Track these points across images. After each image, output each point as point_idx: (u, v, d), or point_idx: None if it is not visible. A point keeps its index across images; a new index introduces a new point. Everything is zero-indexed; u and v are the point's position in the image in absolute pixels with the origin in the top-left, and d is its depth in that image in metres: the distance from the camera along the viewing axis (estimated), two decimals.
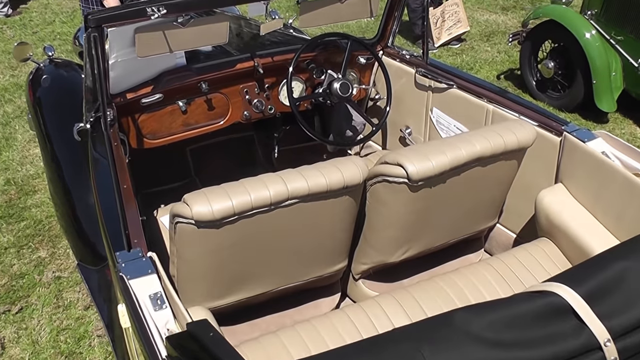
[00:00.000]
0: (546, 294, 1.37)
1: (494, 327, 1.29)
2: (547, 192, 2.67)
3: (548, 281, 1.44)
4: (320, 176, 2.18)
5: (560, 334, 1.30)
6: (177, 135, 3.15)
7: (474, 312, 1.33)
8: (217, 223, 2.07)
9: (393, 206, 2.43)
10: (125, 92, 2.93)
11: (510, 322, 1.31)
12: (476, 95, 2.99)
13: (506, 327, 1.30)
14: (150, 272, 1.93)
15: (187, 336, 1.54)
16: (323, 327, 2.26)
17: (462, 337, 1.26)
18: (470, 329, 1.27)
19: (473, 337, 1.26)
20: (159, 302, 1.86)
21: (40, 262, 3.79)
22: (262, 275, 2.38)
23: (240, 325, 2.61)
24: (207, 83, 3.06)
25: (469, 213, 2.70)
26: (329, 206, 2.27)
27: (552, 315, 1.33)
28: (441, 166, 2.32)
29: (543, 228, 2.69)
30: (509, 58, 6.53)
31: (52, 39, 7.17)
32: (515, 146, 2.47)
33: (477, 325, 1.28)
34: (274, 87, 3.28)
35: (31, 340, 3.30)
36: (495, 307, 1.36)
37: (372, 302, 2.36)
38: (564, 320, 1.33)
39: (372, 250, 2.61)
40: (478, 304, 1.39)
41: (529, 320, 1.32)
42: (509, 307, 1.36)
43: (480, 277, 2.50)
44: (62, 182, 3.33)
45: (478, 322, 1.29)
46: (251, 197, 2.08)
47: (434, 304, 2.36)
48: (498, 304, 1.38)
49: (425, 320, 1.40)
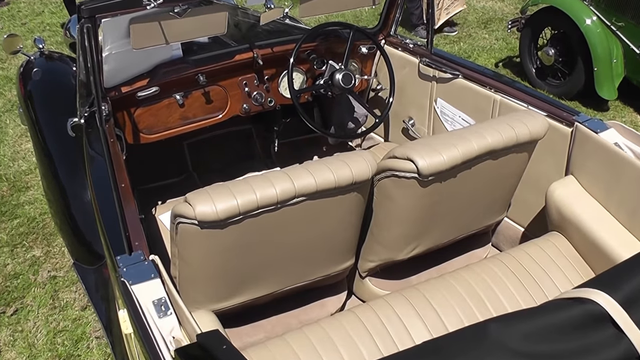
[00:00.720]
0: (582, 301, 1.29)
1: (530, 339, 1.21)
2: (558, 184, 2.59)
3: (582, 287, 1.36)
4: (328, 172, 2.09)
5: (598, 343, 1.23)
6: (174, 130, 3.05)
7: (508, 324, 1.25)
8: (221, 223, 1.98)
9: (402, 202, 2.35)
10: (120, 85, 2.82)
11: (547, 332, 1.23)
12: (483, 85, 2.91)
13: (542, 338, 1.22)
14: (152, 276, 1.84)
15: (197, 348, 1.45)
16: (332, 328, 2.18)
17: (498, 351, 1.18)
18: (505, 341, 1.19)
19: (509, 351, 1.17)
20: (163, 308, 1.77)
21: (35, 261, 3.69)
22: (268, 275, 2.30)
23: (244, 327, 2.53)
24: (204, 75, 2.96)
25: (478, 207, 2.62)
26: (337, 203, 2.19)
27: (589, 323, 1.25)
28: (452, 160, 2.23)
29: (554, 222, 2.62)
30: (507, 45, 6.44)
31: (42, 30, 7.03)
32: (527, 138, 2.39)
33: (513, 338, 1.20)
34: (274, 79, 3.19)
35: (27, 343, 3.21)
36: (530, 316, 1.28)
37: (382, 302, 2.28)
38: (601, 329, 1.24)
39: (380, 247, 2.52)
40: (511, 314, 1.31)
41: (566, 330, 1.24)
42: (543, 316, 1.28)
43: (491, 273, 2.42)
44: (56, 178, 3.23)
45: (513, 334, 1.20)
46: (257, 195, 1.98)
47: (446, 303, 2.28)
48: (532, 314, 1.30)
49: (457, 333, 1.31)
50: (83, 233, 3.14)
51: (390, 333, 2.18)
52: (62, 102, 3.34)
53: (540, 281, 2.43)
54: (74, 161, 3.14)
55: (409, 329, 2.20)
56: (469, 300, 2.31)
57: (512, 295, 2.36)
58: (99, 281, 3.10)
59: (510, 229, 2.98)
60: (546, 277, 2.44)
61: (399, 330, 2.19)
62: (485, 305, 2.31)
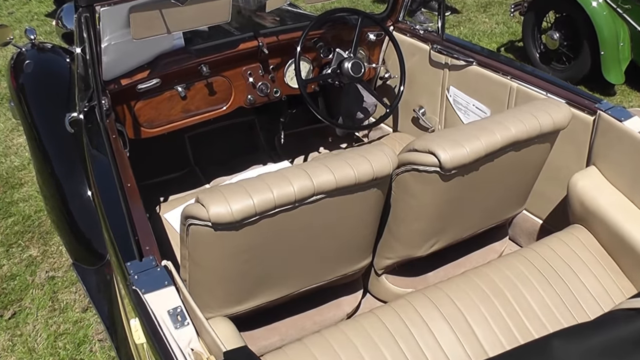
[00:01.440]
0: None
1: (593, 355, 1.10)
2: (580, 175, 2.48)
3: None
4: (347, 168, 1.96)
5: None
6: (176, 123, 2.92)
7: (570, 339, 1.14)
8: (237, 224, 1.86)
9: (422, 197, 2.23)
10: (120, 78, 2.68)
11: (609, 347, 1.12)
12: (498, 72, 2.79)
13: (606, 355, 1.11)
14: (166, 284, 1.71)
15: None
16: (352, 331, 2.06)
17: None
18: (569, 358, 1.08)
19: None
20: (179, 318, 1.65)
21: (31, 262, 3.56)
22: (283, 277, 2.18)
23: (258, 330, 2.42)
24: (207, 66, 2.82)
25: (498, 200, 2.51)
26: (356, 200, 2.07)
27: None
28: (476, 153, 2.12)
29: (576, 214, 2.51)
30: (508, 29, 6.32)
31: (30, 20, 6.85)
32: (550, 128, 2.28)
33: (576, 354, 1.09)
34: (279, 69, 3.05)
35: (27, 348, 3.08)
36: (592, 330, 1.17)
37: (404, 303, 2.17)
38: None
39: (398, 244, 2.41)
40: (572, 329, 1.20)
41: (630, 345, 1.13)
42: (606, 330, 1.17)
43: (516, 270, 2.31)
44: (52, 174, 3.09)
45: (576, 350, 1.09)
46: (274, 194, 1.86)
47: (470, 302, 2.18)
48: (594, 327, 1.19)
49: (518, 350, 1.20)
50: (82, 232, 3.02)
51: (415, 335, 2.07)
52: (56, 96, 3.21)
53: (565, 277, 2.32)
54: (70, 156, 3.01)
55: (433, 331, 2.09)
56: (494, 299, 2.21)
57: (538, 292, 2.25)
58: (101, 282, 2.98)
59: (527, 221, 2.87)
60: (571, 273, 2.34)
61: (424, 333, 2.08)
62: (511, 304, 2.21)
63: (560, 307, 2.24)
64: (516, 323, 2.17)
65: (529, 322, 2.18)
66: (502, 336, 2.12)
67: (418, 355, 2.03)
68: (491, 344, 2.09)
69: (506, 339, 2.12)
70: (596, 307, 2.28)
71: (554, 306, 2.24)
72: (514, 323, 2.16)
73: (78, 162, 2.98)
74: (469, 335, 2.10)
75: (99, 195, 2.10)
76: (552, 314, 2.22)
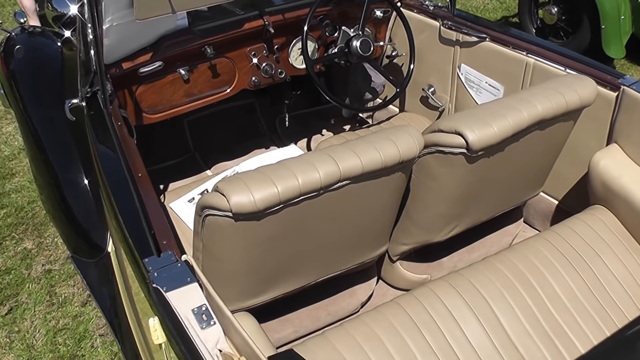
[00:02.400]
0: None
1: None
2: (602, 154, 2.40)
3: None
4: (374, 151, 1.85)
5: None
6: (179, 108, 2.79)
7: None
8: (259, 214, 1.75)
9: (445, 180, 2.13)
10: (121, 61, 2.54)
11: None
12: (513, 47, 2.69)
13: None
14: (189, 280, 1.60)
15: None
16: (376, 323, 1.97)
17: None
18: None
19: None
20: (204, 317, 1.53)
21: (27, 255, 3.43)
22: (301, 267, 2.08)
23: (271, 322, 2.32)
24: (212, 47, 2.68)
25: (520, 181, 2.42)
26: (379, 185, 1.96)
27: None
28: (504, 132, 2.02)
29: (598, 195, 2.43)
30: (501, 5, 6.22)
31: (13, 4, 6.63)
32: (577, 105, 2.18)
33: None
34: (284, 49, 2.93)
35: (26, 345, 2.96)
36: None
37: (427, 291, 2.08)
38: None
39: (417, 229, 2.32)
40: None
41: None
42: None
43: (538, 254, 2.23)
44: (47, 163, 2.96)
45: None
46: (299, 181, 1.74)
47: (494, 290, 2.09)
48: None
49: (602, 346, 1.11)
50: (80, 223, 2.89)
51: (440, 326, 1.99)
52: (50, 81, 3.07)
53: (589, 261, 2.25)
54: (66, 144, 2.88)
55: (458, 320, 2.01)
56: (519, 285, 2.13)
57: (563, 277, 2.18)
58: (102, 275, 2.86)
59: (543, 202, 2.79)
60: (595, 256, 2.26)
61: (449, 323, 2.00)
62: (536, 290, 2.13)
63: (585, 292, 2.17)
64: (542, 310, 2.09)
65: (554, 309, 2.11)
66: (528, 325, 2.05)
67: (444, 346, 1.95)
68: (518, 334, 2.02)
69: (532, 328, 2.04)
70: (622, 291, 2.21)
71: (579, 291, 2.17)
72: (539, 310, 2.09)
73: (74, 150, 2.85)
74: (494, 325, 2.02)
75: (108, 187, 1.98)
76: (578, 300, 2.14)
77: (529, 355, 1.98)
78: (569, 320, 2.08)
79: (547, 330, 2.04)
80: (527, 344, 2.00)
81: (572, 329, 2.07)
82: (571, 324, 2.08)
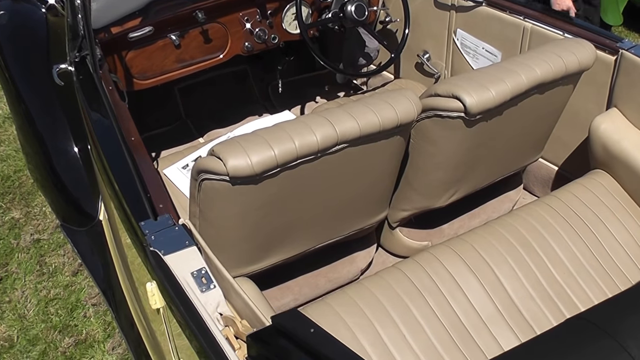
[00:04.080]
0: None
1: None
2: (602, 118, 2.37)
3: None
4: (371, 114, 1.81)
5: None
6: (170, 74, 2.73)
7: None
8: (257, 178, 1.71)
9: (444, 144, 2.10)
10: (110, 26, 2.47)
11: None
12: (510, 12, 2.64)
13: None
14: (187, 243, 1.56)
15: (275, 333, 1.20)
16: (377, 288, 1.95)
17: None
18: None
19: None
20: (203, 280, 1.50)
21: (14, 224, 3.37)
22: (300, 233, 2.04)
23: (271, 290, 2.30)
24: (203, 12, 2.61)
25: (519, 147, 2.39)
26: (378, 149, 1.93)
27: None
28: (502, 96, 1.98)
29: (598, 159, 2.41)
30: None
31: None
32: (576, 68, 2.15)
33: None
34: (277, 14, 2.87)
35: (17, 315, 2.92)
36: None
37: (428, 256, 2.06)
38: None
39: (416, 195, 2.28)
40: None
41: None
42: None
43: (540, 218, 2.21)
44: (35, 130, 2.89)
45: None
46: (296, 144, 1.70)
47: (496, 253, 2.07)
48: None
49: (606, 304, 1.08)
50: (69, 190, 2.84)
51: (442, 291, 1.96)
52: (36, 47, 3.00)
53: (590, 224, 2.23)
54: (54, 110, 2.82)
55: (461, 284, 1.99)
56: (520, 249, 2.11)
57: (564, 241, 2.16)
58: (93, 244, 2.82)
59: (542, 168, 2.76)
60: (597, 221, 2.25)
61: (452, 288, 1.97)
62: (538, 254, 2.11)
63: (587, 256, 2.15)
64: (544, 274, 2.07)
65: (557, 272, 2.09)
66: (531, 288, 2.03)
67: (447, 310, 1.92)
68: (521, 297, 2.00)
69: (535, 291, 2.03)
70: (624, 255, 2.20)
71: (581, 255, 2.15)
72: (542, 274, 2.07)
73: (63, 116, 2.79)
74: (497, 288, 2.00)
75: (102, 152, 1.92)
76: (580, 264, 2.13)
77: (532, 319, 1.96)
78: (571, 283, 2.07)
79: (550, 294, 2.03)
80: (531, 308, 1.98)
81: (575, 292, 2.05)
82: (574, 287, 2.06)
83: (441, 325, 1.90)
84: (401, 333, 1.87)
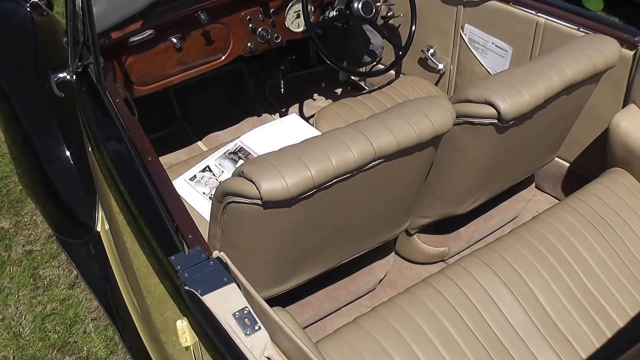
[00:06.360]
0: None
1: None
2: (622, 115, 2.32)
3: None
4: (408, 127, 1.71)
5: None
6: (171, 78, 2.60)
7: None
8: (292, 201, 1.60)
9: (472, 151, 2.02)
10: (110, 30, 2.34)
11: None
12: (521, 6, 2.56)
13: None
14: (226, 280, 1.44)
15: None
16: (410, 305, 1.88)
17: None
18: None
19: None
20: (247, 321, 1.38)
21: (4, 235, 3.21)
22: (327, 251, 1.94)
23: (290, 307, 2.20)
24: (205, 12, 2.49)
25: (540, 147, 2.33)
26: (410, 160, 1.83)
27: None
28: (536, 100, 1.90)
29: (617, 157, 2.36)
30: None
31: None
32: (603, 66, 2.07)
33: None
34: (280, 12, 2.74)
35: (12, 333, 2.78)
36: None
37: (458, 269, 1.99)
38: None
39: (439, 201, 2.20)
40: None
41: None
42: None
43: (565, 223, 2.15)
44: (23, 132, 2.75)
45: None
46: (333, 162, 1.59)
47: (527, 263, 2.02)
48: None
49: None
50: (63, 199, 2.71)
51: (477, 305, 1.90)
52: (22, 47, 2.85)
53: (617, 228, 2.18)
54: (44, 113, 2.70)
55: (495, 299, 1.92)
56: (551, 257, 2.05)
57: (593, 247, 2.11)
58: (91, 257, 2.70)
59: (553, 165, 2.71)
60: (622, 222, 2.20)
61: (485, 301, 1.91)
62: (568, 261, 2.06)
63: (616, 262, 2.11)
64: (577, 283, 2.02)
65: (588, 281, 2.04)
66: (564, 299, 1.97)
67: (483, 326, 1.86)
68: (556, 309, 1.94)
69: (570, 302, 1.97)
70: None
71: (611, 261, 2.10)
72: (574, 283, 2.02)
73: (52, 117, 2.65)
74: (531, 301, 1.94)
75: (117, 175, 1.79)
76: (610, 270, 2.08)
77: (569, 333, 1.90)
78: (604, 293, 2.02)
79: (585, 305, 1.98)
80: (567, 321, 1.93)
81: (609, 301, 2.00)
82: (607, 296, 2.02)
83: (478, 343, 1.84)
84: (439, 352, 1.80)
